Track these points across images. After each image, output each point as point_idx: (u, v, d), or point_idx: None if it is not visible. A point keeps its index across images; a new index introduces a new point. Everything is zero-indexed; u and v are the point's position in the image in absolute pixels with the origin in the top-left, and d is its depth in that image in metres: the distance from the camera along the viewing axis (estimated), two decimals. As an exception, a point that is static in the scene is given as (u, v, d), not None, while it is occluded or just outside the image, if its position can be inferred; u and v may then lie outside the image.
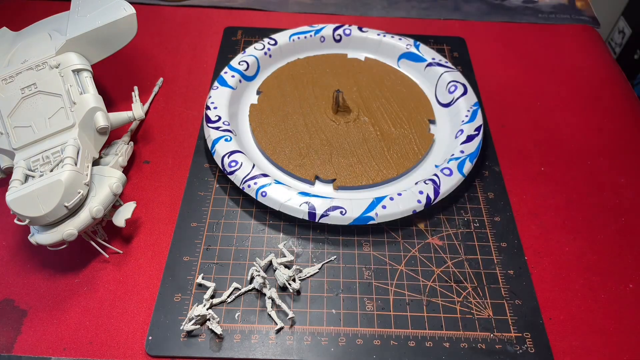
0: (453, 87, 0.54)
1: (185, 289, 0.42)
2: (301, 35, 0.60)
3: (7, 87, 0.45)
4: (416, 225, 0.46)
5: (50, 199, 0.39)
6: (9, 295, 0.42)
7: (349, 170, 0.48)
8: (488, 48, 0.64)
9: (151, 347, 0.39)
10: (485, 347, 0.39)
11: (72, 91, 0.45)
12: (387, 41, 0.59)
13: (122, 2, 0.49)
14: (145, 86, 0.58)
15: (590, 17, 0.69)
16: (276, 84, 0.56)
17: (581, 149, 0.53)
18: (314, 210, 0.44)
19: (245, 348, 0.39)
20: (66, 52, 0.47)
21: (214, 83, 0.55)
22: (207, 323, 0.39)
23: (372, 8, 0.69)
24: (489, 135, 0.54)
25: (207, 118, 0.51)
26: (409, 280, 0.43)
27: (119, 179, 0.43)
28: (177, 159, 0.51)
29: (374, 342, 0.39)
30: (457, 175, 0.47)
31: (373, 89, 0.56)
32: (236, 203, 0.48)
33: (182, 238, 0.45)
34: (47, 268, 0.43)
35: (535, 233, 0.46)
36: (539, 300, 0.42)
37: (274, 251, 0.44)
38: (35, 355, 0.38)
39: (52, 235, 0.40)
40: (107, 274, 0.43)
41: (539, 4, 0.70)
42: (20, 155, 0.43)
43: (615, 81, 0.60)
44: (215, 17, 0.67)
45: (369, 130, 0.52)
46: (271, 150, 0.50)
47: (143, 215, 0.47)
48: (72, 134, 0.43)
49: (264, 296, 0.42)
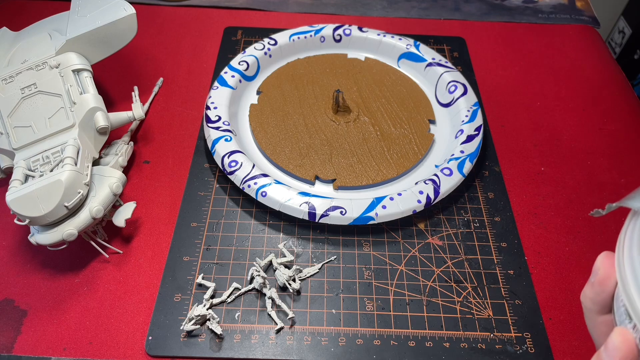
0: (453, 87, 0.54)
1: (185, 289, 0.42)
2: (301, 35, 0.60)
3: (7, 87, 0.45)
4: (416, 225, 0.46)
5: (50, 199, 0.39)
6: (9, 295, 0.42)
7: (349, 170, 0.48)
8: (488, 48, 0.64)
9: (151, 347, 0.39)
10: (485, 347, 0.39)
11: (72, 91, 0.45)
12: (387, 41, 0.59)
13: (122, 2, 0.49)
14: (145, 86, 0.58)
15: (590, 17, 0.69)
16: (276, 84, 0.56)
17: (581, 149, 0.53)
18: (314, 210, 0.44)
19: (245, 348, 0.39)
20: (66, 52, 0.47)
21: (214, 83, 0.55)
22: (207, 323, 0.39)
23: (372, 8, 0.69)
24: (489, 135, 0.54)
25: (207, 118, 0.51)
26: (409, 280, 0.43)
27: (119, 179, 0.43)
28: (177, 159, 0.51)
29: (374, 342, 0.39)
30: (457, 175, 0.47)
31: (373, 89, 0.56)
32: (236, 203, 0.48)
33: (182, 238, 0.45)
34: (47, 268, 0.43)
35: (535, 233, 0.46)
36: (539, 300, 0.42)
37: (274, 251, 0.44)
38: (35, 355, 0.38)
39: (52, 235, 0.40)
40: (107, 274, 0.43)
41: (539, 4, 0.70)
42: (20, 155, 0.43)
43: (615, 81, 0.60)
44: (215, 17, 0.67)
45: (369, 130, 0.52)
46: (271, 150, 0.50)
47: (143, 215, 0.47)
48: (72, 134, 0.43)
49: (264, 296, 0.42)
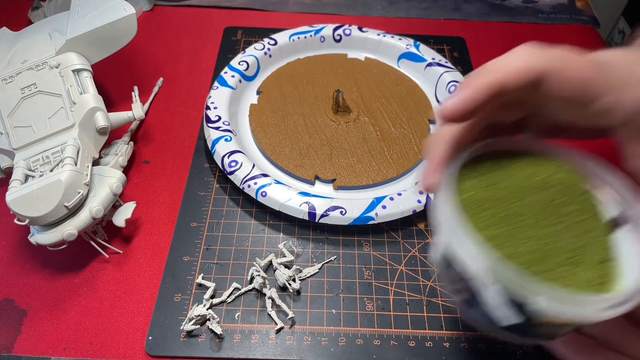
0: (453, 87, 0.54)
1: (185, 289, 0.42)
2: (301, 35, 0.60)
3: (7, 87, 0.45)
4: (416, 225, 0.46)
5: (50, 199, 0.39)
6: (9, 295, 0.42)
7: (349, 170, 0.48)
8: (488, 48, 0.64)
9: (151, 347, 0.39)
10: (486, 347, 0.39)
11: (72, 91, 0.45)
12: (387, 41, 0.59)
13: (122, 2, 0.49)
14: (145, 86, 0.58)
15: (590, 17, 0.69)
16: (276, 84, 0.56)
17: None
18: (314, 210, 0.44)
19: (245, 348, 0.39)
20: (66, 52, 0.47)
21: (214, 83, 0.55)
22: (207, 323, 0.39)
23: (372, 8, 0.69)
24: (489, 135, 0.54)
25: (207, 118, 0.51)
26: (409, 280, 0.43)
27: (119, 179, 0.43)
28: (177, 159, 0.51)
29: (374, 342, 0.39)
30: (457, 175, 0.47)
31: (373, 89, 0.56)
32: (236, 203, 0.48)
33: (182, 238, 0.45)
34: (47, 268, 0.43)
35: (535, 233, 0.46)
36: (539, 300, 0.42)
37: (274, 251, 0.44)
38: (35, 355, 0.38)
39: (52, 235, 0.40)
40: (107, 274, 0.43)
41: (539, 4, 0.70)
42: (20, 155, 0.43)
43: (615, 81, 0.60)
44: (215, 17, 0.67)
45: (369, 130, 0.52)
46: (271, 150, 0.50)
47: (143, 215, 0.47)
48: (72, 134, 0.43)
49: (264, 296, 0.42)
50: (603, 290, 0.26)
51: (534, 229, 0.28)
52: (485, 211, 0.28)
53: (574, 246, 0.28)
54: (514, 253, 0.27)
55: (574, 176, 0.31)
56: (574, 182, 0.31)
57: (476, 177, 0.30)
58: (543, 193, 0.30)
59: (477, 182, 0.30)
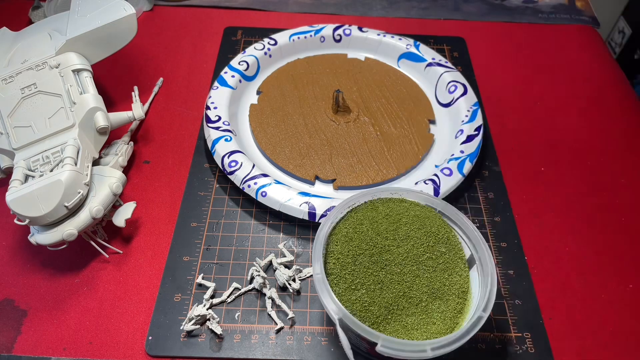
0: (453, 87, 0.54)
1: (185, 289, 0.42)
2: (301, 35, 0.60)
3: (7, 87, 0.45)
4: (416, 225, 0.46)
5: (50, 199, 0.39)
6: (9, 295, 0.42)
7: (349, 170, 0.48)
8: (488, 48, 0.64)
9: (151, 347, 0.39)
10: (485, 347, 0.39)
11: (72, 91, 0.45)
12: (387, 41, 0.59)
13: (122, 2, 0.49)
14: (145, 86, 0.58)
15: (590, 17, 0.69)
16: (276, 84, 0.56)
17: (581, 149, 0.53)
18: (314, 210, 0.44)
19: (245, 348, 0.39)
20: (66, 52, 0.47)
21: (214, 83, 0.55)
22: (207, 323, 0.39)
23: (372, 8, 0.69)
24: (489, 135, 0.54)
25: (207, 118, 0.51)
26: (409, 280, 0.43)
27: (119, 179, 0.43)
28: (177, 159, 0.51)
29: (374, 342, 0.39)
30: (457, 175, 0.47)
31: (373, 89, 0.56)
32: (236, 203, 0.48)
33: (182, 238, 0.45)
34: (47, 268, 0.43)
35: (535, 233, 0.46)
36: (539, 300, 0.42)
37: (274, 251, 0.44)
38: (35, 355, 0.38)
39: (52, 235, 0.40)
40: (107, 274, 0.43)
41: (539, 4, 0.70)
42: (20, 155, 0.43)
43: (615, 81, 0.60)
44: (215, 17, 0.67)
45: (369, 130, 0.52)
46: (271, 150, 0.50)
47: (143, 215, 0.47)
48: (72, 134, 0.43)
49: (264, 296, 0.42)
50: (459, 320, 0.35)
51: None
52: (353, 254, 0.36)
53: (435, 282, 0.35)
54: (374, 302, 0.34)
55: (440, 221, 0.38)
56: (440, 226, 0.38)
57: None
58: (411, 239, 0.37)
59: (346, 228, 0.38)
